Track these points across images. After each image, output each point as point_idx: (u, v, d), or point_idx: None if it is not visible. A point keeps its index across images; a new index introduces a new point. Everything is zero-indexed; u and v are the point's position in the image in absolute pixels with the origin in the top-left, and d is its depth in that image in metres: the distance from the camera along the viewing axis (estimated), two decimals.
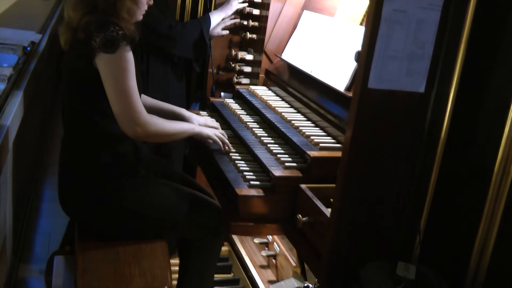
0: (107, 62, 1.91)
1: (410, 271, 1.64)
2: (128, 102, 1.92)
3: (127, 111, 1.93)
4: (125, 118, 1.94)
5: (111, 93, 1.92)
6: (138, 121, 1.94)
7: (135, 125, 1.94)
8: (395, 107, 1.64)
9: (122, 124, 1.94)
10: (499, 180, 1.53)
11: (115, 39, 1.90)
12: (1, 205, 2.55)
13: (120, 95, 1.91)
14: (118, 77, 1.91)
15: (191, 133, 2.20)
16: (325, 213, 1.77)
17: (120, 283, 1.92)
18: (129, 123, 1.94)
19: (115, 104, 1.93)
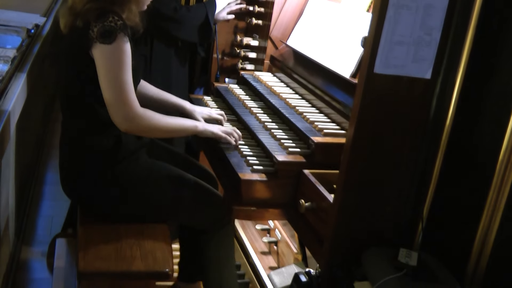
0: (103, 53, 1.88)
1: (412, 257, 1.63)
2: (120, 94, 1.89)
3: (119, 104, 1.90)
4: (117, 110, 1.90)
5: (104, 83, 1.90)
6: (129, 114, 1.91)
7: (126, 118, 1.91)
8: (400, 93, 1.63)
9: (113, 116, 1.92)
10: (504, 168, 1.53)
11: (112, 29, 1.87)
12: (4, 187, 2.55)
13: (113, 87, 1.89)
14: (113, 69, 1.88)
15: (193, 131, 2.14)
16: (328, 198, 1.76)
17: (121, 264, 1.92)
18: (120, 116, 1.91)
19: (107, 95, 1.90)
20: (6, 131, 2.28)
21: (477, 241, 1.61)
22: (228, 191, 2.04)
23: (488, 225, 1.58)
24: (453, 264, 1.67)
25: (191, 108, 2.39)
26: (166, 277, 1.96)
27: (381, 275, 1.59)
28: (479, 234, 1.60)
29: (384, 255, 1.67)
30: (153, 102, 2.26)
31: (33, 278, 2.87)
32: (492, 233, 1.57)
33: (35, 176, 3.88)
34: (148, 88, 2.34)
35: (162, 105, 2.33)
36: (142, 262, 1.94)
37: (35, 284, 2.82)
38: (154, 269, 1.94)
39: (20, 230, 3.13)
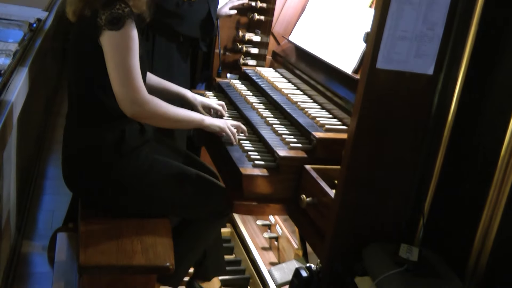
0: (111, 39, 1.89)
1: (413, 253, 1.63)
2: (128, 80, 1.90)
3: (126, 89, 1.90)
4: (124, 96, 1.91)
5: (112, 69, 1.90)
6: (137, 100, 1.91)
7: (134, 104, 1.91)
8: (402, 88, 1.63)
9: (121, 102, 1.92)
10: (505, 164, 1.53)
11: (120, 16, 1.88)
12: (5, 180, 2.56)
13: (121, 72, 1.89)
14: (121, 54, 1.89)
15: (199, 124, 2.13)
16: (330, 194, 1.76)
17: (122, 258, 1.92)
18: (127, 102, 1.91)
19: (115, 81, 1.91)
20: (9, 122, 2.28)
21: (478, 237, 1.61)
22: (229, 186, 2.04)
23: (489, 221, 1.58)
24: (453, 260, 1.67)
25: (192, 96, 2.40)
26: (167, 271, 1.95)
27: (382, 270, 1.59)
28: (480, 230, 1.60)
29: (385, 251, 1.67)
30: (155, 91, 2.25)
31: (34, 272, 2.87)
32: (493, 230, 1.57)
33: (36, 170, 3.89)
34: (149, 77, 2.34)
35: (164, 94, 2.34)
36: (143, 256, 1.94)
37: (36, 278, 2.82)
38: (155, 264, 1.94)
39: (21, 224, 3.13)
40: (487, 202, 1.58)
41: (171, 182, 2.11)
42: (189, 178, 2.15)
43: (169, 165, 2.14)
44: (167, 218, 2.14)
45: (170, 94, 2.39)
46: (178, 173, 2.14)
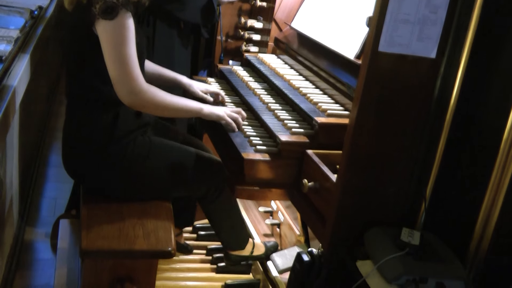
0: (106, 29, 1.89)
1: (415, 237, 1.64)
2: (124, 69, 1.90)
3: (123, 78, 1.90)
4: (121, 85, 1.91)
5: (108, 59, 1.91)
6: (134, 88, 1.91)
7: (131, 93, 1.91)
8: (405, 72, 1.63)
9: (118, 91, 1.92)
10: (507, 148, 1.52)
11: (114, 5, 1.87)
12: (8, 167, 2.56)
13: (117, 62, 1.89)
14: (116, 44, 1.89)
15: (198, 113, 2.12)
16: (331, 178, 1.76)
17: (124, 243, 1.92)
18: (125, 90, 1.91)
19: (112, 71, 1.91)
20: (11, 107, 2.29)
21: (479, 221, 1.61)
22: (231, 171, 2.04)
23: (491, 205, 1.58)
24: (455, 244, 1.67)
25: (188, 82, 2.40)
26: (169, 256, 1.96)
27: (383, 254, 1.60)
28: (482, 214, 1.60)
29: (387, 235, 1.68)
30: (151, 77, 2.25)
31: (37, 259, 2.89)
32: (494, 214, 1.57)
33: (39, 159, 3.90)
34: (146, 63, 2.34)
35: (160, 80, 2.34)
36: (145, 241, 1.95)
37: (39, 264, 2.84)
38: (156, 248, 1.94)
39: (24, 211, 3.15)
40: (489, 186, 1.58)
41: (171, 163, 2.11)
42: (189, 156, 2.16)
43: (168, 145, 2.15)
44: (169, 203, 2.15)
45: (166, 81, 2.39)
46: (177, 153, 2.15)
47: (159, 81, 2.27)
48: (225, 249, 2.43)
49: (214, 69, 2.97)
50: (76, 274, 2.44)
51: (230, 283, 2.55)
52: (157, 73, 2.39)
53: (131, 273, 1.99)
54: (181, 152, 2.16)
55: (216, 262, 2.69)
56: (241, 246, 2.41)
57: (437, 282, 1.54)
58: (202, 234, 2.89)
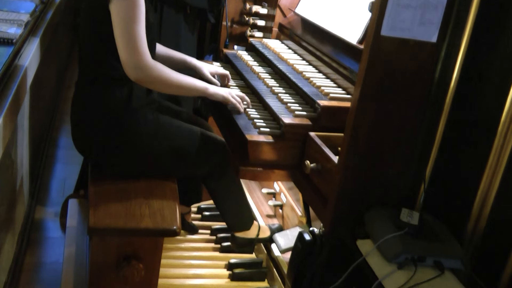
0: (117, 7, 1.94)
1: (414, 217, 1.68)
2: (132, 45, 1.94)
3: (130, 54, 1.95)
4: (128, 61, 1.96)
5: (117, 35, 1.96)
6: (140, 64, 1.96)
7: (137, 69, 1.96)
8: (406, 55, 1.66)
9: (125, 67, 1.97)
10: (505, 131, 1.55)
11: None
12: (19, 146, 2.62)
13: (126, 38, 1.94)
14: (126, 22, 1.94)
15: (203, 93, 2.17)
16: (333, 159, 1.80)
17: (130, 222, 1.97)
18: (131, 67, 1.96)
19: (120, 47, 1.96)
20: (23, 87, 2.33)
21: (476, 202, 1.64)
22: (236, 153, 2.09)
23: (488, 187, 1.61)
24: (453, 225, 1.71)
25: (199, 64, 2.45)
26: (174, 234, 2.01)
27: (383, 233, 1.64)
28: (479, 195, 1.64)
29: (387, 215, 1.72)
30: (161, 59, 2.29)
31: (47, 237, 2.96)
32: (491, 194, 1.61)
33: (49, 140, 3.97)
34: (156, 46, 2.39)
35: (170, 62, 2.38)
36: (151, 220, 1.99)
37: (48, 242, 2.91)
38: (162, 227, 1.99)
39: (34, 191, 3.22)
40: (487, 167, 1.61)
41: (176, 140, 2.16)
42: (193, 135, 2.21)
43: (174, 123, 2.20)
44: (174, 183, 2.20)
45: (176, 62, 2.43)
46: (182, 131, 2.19)
47: (169, 63, 2.31)
48: (231, 231, 2.48)
49: (220, 54, 3.01)
50: (84, 252, 2.50)
51: (233, 262, 2.61)
52: (167, 55, 2.43)
53: (138, 251, 2.04)
54: (186, 131, 2.21)
55: (220, 242, 2.75)
56: (246, 226, 2.46)
57: (435, 261, 1.58)
58: (206, 214, 2.95)
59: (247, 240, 2.48)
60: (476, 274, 1.60)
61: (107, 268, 2.03)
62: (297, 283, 1.96)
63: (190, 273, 2.57)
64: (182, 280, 2.53)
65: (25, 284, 2.58)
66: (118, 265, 2.02)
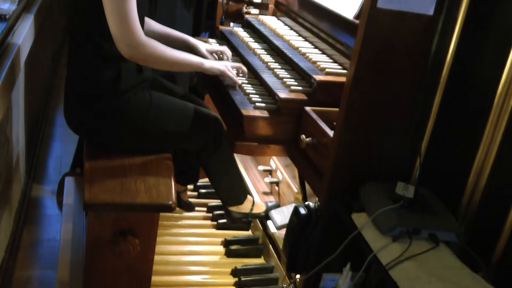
0: None
1: (409, 190, 1.68)
2: (124, 22, 1.92)
3: (123, 32, 1.93)
4: (121, 38, 1.93)
5: (109, 13, 1.93)
6: (133, 41, 1.94)
7: (130, 46, 1.94)
8: (403, 28, 1.65)
9: (119, 44, 1.95)
10: (501, 104, 1.55)
11: None
12: (14, 123, 2.62)
13: (117, 16, 1.91)
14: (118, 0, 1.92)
15: (199, 67, 2.15)
16: (329, 134, 1.80)
17: (126, 197, 1.97)
18: (124, 44, 1.94)
19: (112, 25, 1.93)
20: (16, 64, 2.32)
21: (471, 176, 1.65)
22: (231, 128, 2.09)
23: (483, 160, 1.61)
24: (448, 198, 1.71)
25: (195, 41, 2.43)
26: (169, 210, 2.01)
27: (378, 206, 1.64)
28: (474, 168, 1.64)
29: (382, 188, 1.72)
30: (157, 37, 2.28)
31: (44, 214, 2.96)
32: (486, 168, 1.61)
33: (45, 119, 3.97)
34: (151, 24, 2.37)
35: (166, 40, 2.36)
36: (146, 195, 1.99)
37: (46, 219, 2.92)
38: (157, 202, 1.99)
39: (30, 169, 3.22)
40: (482, 142, 1.61)
41: (171, 116, 2.16)
42: (187, 110, 2.20)
43: (168, 100, 2.19)
44: (170, 160, 2.19)
45: (172, 40, 2.41)
46: (177, 107, 2.19)
47: (165, 41, 2.29)
48: (224, 205, 2.49)
49: (216, 31, 2.99)
50: (81, 228, 2.51)
51: (229, 239, 2.62)
52: (164, 33, 2.41)
53: (133, 226, 2.04)
54: (179, 107, 2.20)
55: (216, 219, 2.76)
56: (238, 200, 2.47)
57: (430, 233, 1.59)
58: (203, 192, 2.96)
59: (241, 215, 2.49)
60: (470, 247, 1.61)
61: (103, 243, 2.04)
62: (292, 257, 1.97)
63: (186, 250, 2.58)
64: (178, 256, 2.54)
65: (22, 260, 2.59)
66: (114, 240, 2.02)
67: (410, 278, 1.45)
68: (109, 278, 2.11)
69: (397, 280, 1.47)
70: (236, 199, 2.47)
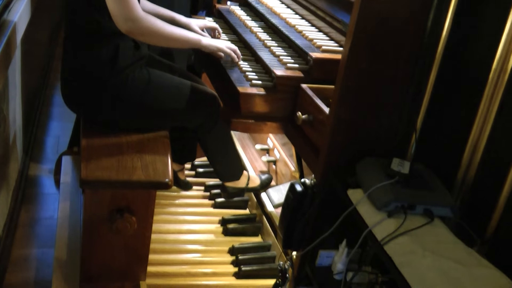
0: None
1: (404, 166, 1.68)
2: None
3: (120, 6, 1.92)
4: (118, 13, 1.93)
5: None
6: (130, 16, 1.93)
7: (128, 19, 1.93)
8: (398, 5, 1.63)
9: (116, 19, 1.94)
10: (495, 80, 1.55)
11: None
12: (11, 102, 2.61)
13: None
14: None
15: (196, 44, 2.15)
16: (325, 110, 1.80)
17: (122, 174, 1.98)
18: (122, 18, 1.93)
19: (110, 1, 1.93)
20: (13, 41, 2.31)
21: (466, 151, 1.65)
22: (228, 105, 2.08)
23: (478, 136, 1.61)
24: (443, 174, 1.72)
25: (187, 20, 2.42)
26: (166, 187, 2.02)
27: (373, 182, 1.64)
28: (469, 144, 1.64)
29: (377, 164, 1.71)
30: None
31: (42, 193, 2.98)
32: (481, 143, 1.61)
33: (43, 98, 3.97)
34: (144, 3, 2.36)
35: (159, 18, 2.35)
36: (143, 172, 2.00)
37: (43, 198, 2.93)
38: (154, 179, 2.00)
39: (28, 147, 3.23)
40: (477, 117, 1.61)
41: (169, 94, 2.16)
42: (184, 88, 2.20)
43: (165, 77, 2.19)
44: (166, 137, 2.20)
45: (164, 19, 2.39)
46: (174, 85, 2.19)
47: None
48: (221, 181, 2.50)
49: (213, 9, 2.98)
50: (78, 207, 2.52)
51: (227, 217, 2.63)
52: (155, 13, 2.39)
53: (130, 204, 2.06)
54: (176, 84, 2.21)
55: (214, 198, 2.77)
56: (235, 176, 2.48)
57: (425, 209, 1.59)
58: (200, 171, 2.97)
59: (237, 190, 2.51)
60: (465, 222, 1.61)
61: (100, 221, 2.05)
62: (288, 234, 1.97)
63: (184, 229, 2.60)
64: (176, 235, 2.56)
65: (20, 239, 2.61)
66: (111, 218, 2.04)
67: (405, 253, 1.46)
68: (107, 255, 2.13)
69: (392, 255, 1.47)
70: (233, 175, 2.48)
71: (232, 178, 2.48)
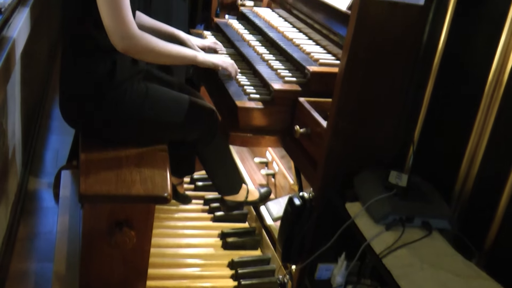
0: None
1: (402, 179, 1.68)
2: (117, 15, 1.91)
3: (116, 24, 1.92)
4: (114, 31, 1.93)
5: (102, 5, 1.92)
6: (127, 33, 1.93)
7: (124, 38, 1.93)
8: (394, 18, 1.65)
9: (112, 37, 1.94)
10: (491, 92, 1.56)
11: None
12: (10, 116, 2.62)
13: (111, 9, 1.91)
14: None
15: (193, 60, 2.16)
16: (322, 124, 1.81)
17: (121, 188, 1.97)
18: (118, 36, 1.93)
19: (106, 18, 1.93)
20: (12, 57, 2.32)
21: (464, 163, 1.65)
22: (226, 119, 2.09)
23: (475, 148, 1.62)
24: (441, 186, 1.72)
25: (185, 36, 2.43)
26: (165, 201, 2.01)
27: (371, 195, 1.64)
28: (467, 156, 1.64)
29: (375, 177, 1.72)
30: (147, 31, 2.27)
31: (41, 207, 2.98)
32: (478, 156, 1.61)
33: (42, 112, 3.98)
34: (143, 18, 2.37)
35: (156, 34, 2.35)
36: (142, 186, 1.99)
37: (42, 212, 2.93)
38: (153, 193, 1.99)
39: (27, 161, 3.23)
40: (473, 130, 1.62)
41: (167, 108, 2.16)
42: (182, 102, 2.20)
43: (163, 91, 2.19)
44: (165, 151, 2.20)
45: (163, 35, 2.41)
46: (172, 99, 2.19)
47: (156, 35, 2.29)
48: (220, 194, 2.50)
49: (211, 23, 3.00)
50: (77, 221, 2.52)
51: (226, 231, 2.63)
52: (155, 28, 2.41)
53: (129, 218, 2.05)
54: (176, 98, 2.21)
55: (213, 211, 2.77)
56: (235, 190, 2.48)
57: (423, 221, 1.60)
58: (199, 185, 2.97)
59: (237, 203, 2.51)
60: (463, 234, 1.62)
61: (99, 235, 2.04)
62: (287, 247, 1.98)
63: (183, 242, 2.59)
64: (175, 249, 2.55)
65: (19, 253, 2.60)
66: (110, 232, 2.03)
67: (403, 266, 1.46)
68: (106, 270, 2.12)
69: (390, 268, 1.48)
70: (232, 188, 2.49)
71: (231, 192, 2.48)
